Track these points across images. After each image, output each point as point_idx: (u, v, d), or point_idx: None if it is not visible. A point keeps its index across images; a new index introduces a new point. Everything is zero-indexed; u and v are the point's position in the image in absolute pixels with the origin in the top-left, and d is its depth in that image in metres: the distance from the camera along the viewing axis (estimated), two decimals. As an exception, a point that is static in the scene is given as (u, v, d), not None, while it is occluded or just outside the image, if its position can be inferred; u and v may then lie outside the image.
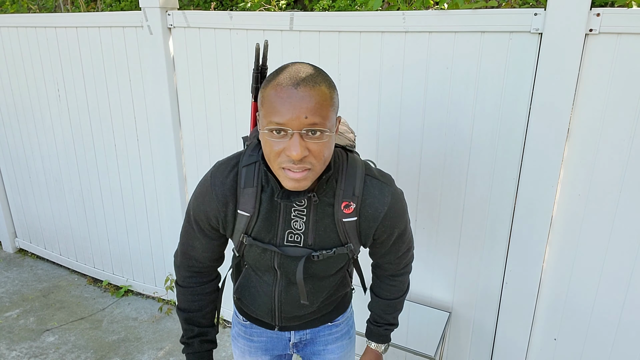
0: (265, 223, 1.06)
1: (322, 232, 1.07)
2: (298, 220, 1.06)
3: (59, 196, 3.17)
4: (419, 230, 1.98)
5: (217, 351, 2.51)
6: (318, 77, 0.90)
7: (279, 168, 0.92)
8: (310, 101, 0.86)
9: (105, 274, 3.16)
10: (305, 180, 0.92)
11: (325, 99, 0.89)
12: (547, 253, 1.77)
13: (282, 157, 0.90)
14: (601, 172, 1.60)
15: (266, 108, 0.89)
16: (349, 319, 1.38)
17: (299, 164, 0.89)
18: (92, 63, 2.60)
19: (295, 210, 1.05)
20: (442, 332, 1.87)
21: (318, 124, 0.87)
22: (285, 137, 0.88)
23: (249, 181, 1.04)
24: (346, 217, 1.04)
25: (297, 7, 3.21)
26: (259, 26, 2.03)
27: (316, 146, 0.89)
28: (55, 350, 2.53)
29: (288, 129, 0.87)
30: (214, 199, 1.05)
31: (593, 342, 1.79)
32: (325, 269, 1.12)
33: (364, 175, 1.05)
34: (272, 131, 0.88)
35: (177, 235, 2.65)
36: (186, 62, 2.31)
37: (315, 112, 0.87)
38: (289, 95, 0.86)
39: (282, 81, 0.88)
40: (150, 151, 2.60)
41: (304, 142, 0.88)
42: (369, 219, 1.05)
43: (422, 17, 1.69)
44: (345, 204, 1.03)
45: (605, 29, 1.45)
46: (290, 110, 0.86)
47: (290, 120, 0.86)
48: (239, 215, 1.05)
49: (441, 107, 1.77)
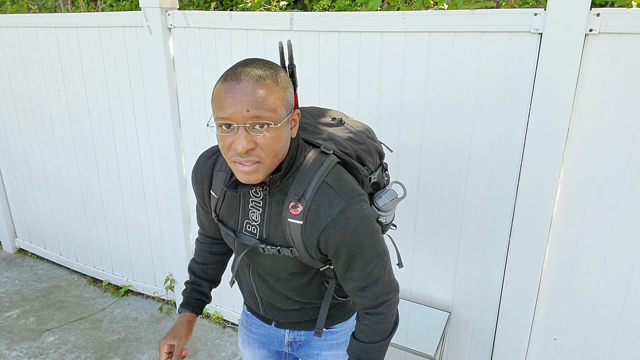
0: (227, 208, 1.13)
1: (274, 227, 1.06)
2: (255, 212, 1.08)
3: (59, 196, 3.17)
4: (419, 231, 1.98)
5: (217, 351, 2.51)
6: (264, 71, 0.91)
7: (231, 162, 0.94)
8: (252, 95, 0.87)
9: (105, 274, 3.16)
10: (256, 174, 0.93)
11: (269, 92, 0.89)
12: (547, 253, 1.77)
13: (232, 151, 0.92)
14: (601, 172, 1.60)
15: (214, 104, 0.92)
16: (348, 330, 1.33)
17: (246, 157, 0.91)
18: (92, 63, 2.60)
19: (253, 201, 1.08)
20: (442, 332, 1.87)
21: (262, 117, 0.88)
22: (231, 132, 0.91)
23: (223, 166, 1.11)
24: (292, 217, 1.02)
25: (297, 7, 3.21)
26: (259, 26, 2.03)
27: (263, 139, 0.90)
28: (55, 350, 2.53)
29: (233, 123, 0.89)
30: (194, 178, 1.17)
31: (593, 342, 1.79)
32: (276, 268, 1.11)
33: (321, 180, 1.00)
34: (221, 126, 0.91)
35: (177, 234, 2.65)
36: (186, 62, 2.31)
37: (258, 105, 0.88)
38: (232, 90, 0.88)
39: (227, 77, 0.90)
40: (150, 151, 2.60)
41: (250, 136, 0.90)
42: (311, 226, 1.00)
43: (422, 17, 1.69)
44: (292, 204, 1.01)
45: (605, 29, 1.45)
46: (233, 104, 0.88)
47: (233, 114, 0.88)
48: (212, 196, 1.15)
49: (441, 107, 1.77)
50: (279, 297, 1.22)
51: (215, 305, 2.77)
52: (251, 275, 1.23)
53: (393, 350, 2.22)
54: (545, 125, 1.59)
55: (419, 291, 2.08)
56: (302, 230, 1.01)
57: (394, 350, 2.22)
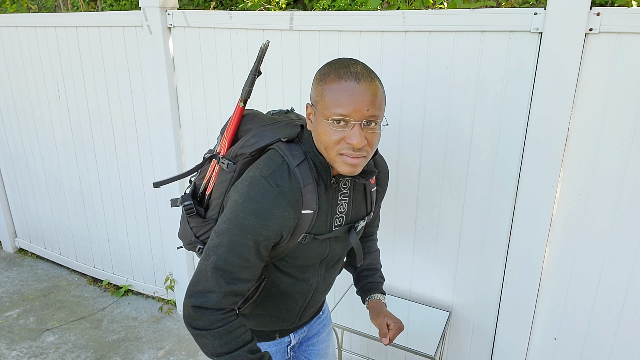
0: (322, 215, 1.10)
1: (357, 207, 1.18)
2: (343, 203, 1.13)
3: (59, 196, 3.17)
4: (419, 230, 1.98)
5: (217, 351, 2.51)
6: (372, 73, 0.99)
7: (337, 155, 0.99)
8: (370, 95, 0.95)
9: (105, 273, 3.16)
10: (360, 166, 1.00)
11: (380, 94, 0.98)
12: (547, 253, 1.77)
13: (342, 145, 0.97)
14: (601, 172, 1.59)
15: (329, 100, 0.96)
16: (325, 303, 1.47)
17: (358, 152, 0.98)
18: (92, 63, 2.60)
19: (342, 194, 1.13)
20: (442, 331, 1.87)
21: (376, 116, 0.96)
22: (345, 127, 0.96)
23: (307, 179, 1.04)
24: (372, 187, 1.21)
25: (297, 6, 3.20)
26: (259, 26, 2.02)
27: (372, 136, 0.98)
28: (55, 350, 2.53)
29: (350, 120, 0.95)
30: (287, 207, 0.99)
31: (593, 342, 1.79)
32: (345, 247, 1.22)
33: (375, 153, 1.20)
34: (335, 121, 0.96)
35: (177, 234, 2.64)
36: (186, 62, 2.31)
37: (373, 105, 0.95)
38: (352, 89, 0.94)
39: (343, 76, 0.95)
40: (150, 151, 2.60)
41: (363, 132, 0.96)
42: (383, 185, 1.26)
43: (422, 16, 1.68)
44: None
45: (605, 28, 1.45)
46: (354, 102, 0.94)
47: (353, 111, 0.94)
48: (303, 215, 1.04)
49: (441, 106, 1.77)
50: (328, 287, 1.30)
51: (215, 305, 2.77)
52: (316, 279, 1.21)
53: (393, 350, 2.22)
54: (545, 125, 1.59)
55: (419, 291, 2.08)
56: (376, 193, 1.26)
57: (394, 350, 2.22)
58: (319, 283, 1.23)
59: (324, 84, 0.98)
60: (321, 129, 0.98)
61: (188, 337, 2.63)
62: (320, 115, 0.98)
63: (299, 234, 1.05)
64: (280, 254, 1.09)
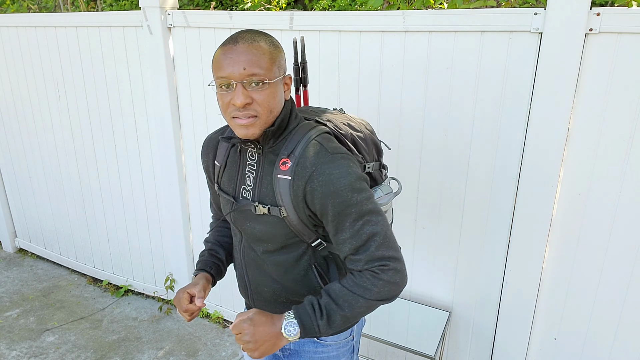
0: (228, 176, 1.18)
1: (265, 189, 1.09)
2: (250, 176, 1.13)
3: (59, 196, 3.17)
4: (419, 230, 1.98)
5: (217, 351, 2.51)
6: (257, 36, 1.01)
7: (230, 118, 1.02)
8: (247, 55, 0.98)
9: (105, 273, 3.16)
10: (253, 127, 1.01)
11: (263, 53, 0.99)
12: (547, 253, 1.77)
13: (231, 108, 1.01)
14: (601, 172, 1.59)
15: (214, 67, 1.02)
16: (341, 345, 1.24)
17: (244, 111, 0.99)
18: (92, 63, 2.60)
19: (249, 164, 1.13)
20: (442, 331, 1.87)
21: (257, 74, 0.98)
22: (231, 90, 0.99)
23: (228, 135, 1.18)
24: (281, 173, 1.05)
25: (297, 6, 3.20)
26: (259, 26, 2.03)
27: (259, 95, 0.99)
28: (55, 350, 2.53)
29: (231, 81, 0.98)
30: (203, 152, 1.25)
31: (593, 342, 1.79)
32: (266, 233, 1.10)
33: (311, 139, 1.06)
34: (221, 86, 1.00)
35: (177, 235, 2.65)
36: (186, 62, 2.31)
37: (253, 63, 0.97)
38: (230, 52, 0.98)
39: (225, 42, 1.01)
40: (150, 151, 2.60)
41: (247, 92, 0.99)
42: (298, 178, 1.02)
43: (422, 16, 1.68)
44: (282, 160, 1.06)
45: (605, 28, 1.45)
46: (231, 64, 0.97)
47: (231, 73, 0.97)
48: (215, 166, 1.22)
49: (441, 106, 1.77)
50: (266, 279, 1.18)
51: (215, 305, 2.77)
52: (242, 250, 1.22)
53: (393, 350, 2.22)
54: (545, 125, 1.59)
55: (419, 291, 2.08)
56: (290, 185, 1.04)
57: (394, 350, 2.22)
58: (246, 262, 1.21)
59: (214, 54, 1.04)
60: (217, 97, 1.03)
61: (188, 337, 2.63)
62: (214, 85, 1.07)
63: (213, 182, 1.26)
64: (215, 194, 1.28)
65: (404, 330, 1.90)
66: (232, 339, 2.62)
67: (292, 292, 1.18)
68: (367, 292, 1.00)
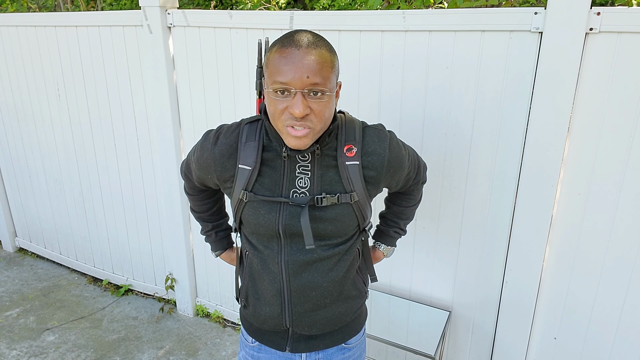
0: (268, 181, 1.08)
1: (328, 182, 1.08)
2: (303, 177, 1.08)
3: (59, 196, 3.17)
4: (419, 230, 1.98)
5: (218, 350, 2.51)
6: (319, 41, 0.96)
7: (283, 126, 0.98)
8: (311, 62, 0.92)
9: (105, 273, 3.16)
10: (307, 138, 0.98)
11: (325, 61, 0.95)
12: (547, 253, 1.77)
13: (286, 115, 0.96)
14: (601, 172, 1.59)
15: (270, 69, 0.95)
16: (362, 342, 1.30)
17: (301, 121, 0.95)
18: (92, 62, 2.60)
19: (300, 166, 1.08)
20: (442, 331, 1.87)
21: (319, 84, 0.93)
22: (288, 97, 0.94)
23: (251, 136, 1.08)
24: (349, 160, 1.07)
25: (297, 6, 3.20)
26: (259, 25, 2.02)
27: (317, 106, 0.95)
28: (56, 350, 2.53)
29: (291, 88, 0.93)
30: (213, 157, 1.10)
31: (593, 342, 1.79)
32: (333, 226, 1.08)
33: (362, 126, 1.12)
34: (277, 91, 0.94)
35: (177, 234, 2.65)
36: (186, 62, 2.31)
37: (316, 72, 0.93)
38: (292, 57, 0.92)
39: (285, 44, 0.94)
40: (150, 151, 2.60)
41: (305, 101, 0.94)
42: (375, 166, 1.09)
43: (422, 16, 1.68)
44: (347, 147, 1.07)
45: (606, 27, 1.45)
46: (293, 70, 0.92)
47: (293, 79, 0.92)
48: (239, 169, 1.08)
49: (441, 106, 1.77)
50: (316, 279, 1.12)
51: (215, 305, 2.77)
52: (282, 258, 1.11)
53: (393, 350, 2.22)
54: (545, 125, 1.59)
55: (419, 290, 2.08)
56: (359, 169, 1.08)
57: (394, 350, 2.22)
58: (288, 265, 1.10)
59: (269, 55, 0.97)
60: (268, 100, 0.98)
61: (188, 337, 2.63)
62: (266, 85, 0.98)
63: (238, 191, 1.09)
64: (236, 211, 1.12)
65: (404, 330, 1.90)
66: (232, 338, 2.62)
67: (340, 284, 1.16)
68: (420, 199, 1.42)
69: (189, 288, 2.75)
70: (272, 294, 1.15)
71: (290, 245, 1.10)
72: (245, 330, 1.26)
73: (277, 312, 1.16)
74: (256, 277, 1.17)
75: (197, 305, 2.81)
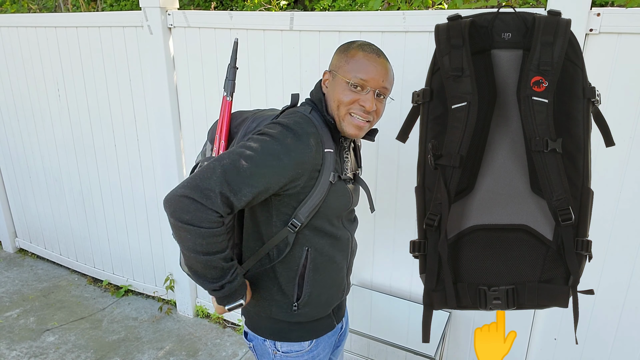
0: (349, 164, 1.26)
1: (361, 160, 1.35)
2: (347, 161, 1.25)
3: (59, 196, 3.17)
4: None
5: (218, 351, 2.51)
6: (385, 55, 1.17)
7: (346, 113, 1.13)
8: (386, 71, 1.14)
9: (105, 273, 3.16)
10: (363, 130, 1.16)
11: (392, 74, 1.18)
12: (547, 253, 1.76)
13: (354, 106, 1.12)
14: (601, 172, 1.59)
15: (352, 65, 1.11)
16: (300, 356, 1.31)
17: (367, 115, 1.13)
18: (92, 63, 2.60)
19: (345, 152, 1.24)
20: (442, 332, 1.87)
21: (387, 89, 1.16)
22: (360, 92, 1.12)
23: (320, 124, 1.15)
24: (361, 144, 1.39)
25: (298, 7, 3.20)
26: (259, 26, 2.03)
27: (380, 106, 1.16)
28: (56, 350, 2.53)
29: (367, 86, 1.11)
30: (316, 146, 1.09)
31: (593, 342, 1.79)
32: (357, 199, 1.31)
33: None
34: (353, 85, 1.11)
35: (177, 235, 2.64)
36: (186, 62, 2.31)
37: (388, 80, 1.15)
38: (375, 61, 1.12)
39: (367, 50, 1.13)
40: (151, 151, 2.60)
41: (374, 100, 1.13)
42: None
43: (422, 16, 1.69)
44: None
45: (606, 28, 1.45)
46: (375, 72, 1.11)
47: (372, 79, 1.11)
48: (326, 154, 1.12)
49: (441, 107, 1.77)
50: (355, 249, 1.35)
51: (215, 305, 2.77)
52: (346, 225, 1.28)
53: (393, 350, 2.22)
54: (545, 125, 1.58)
55: (419, 291, 2.08)
56: None
57: (394, 350, 2.22)
58: (351, 237, 1.28)
59: (347, 52, 1.14)
60: (339, 89, 1.12)
61: (188, 337, 2.63)
62: (340, 79, 1.12)
63: (327, 173, 1.12)
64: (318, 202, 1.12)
65: (404, 330, 1.90)
66: (232, 339, 2.62)
67: None
68: None
69: (189, 289, 2.75)
70: (340, 268, 1.27)
71: (348, 218, 1.28)
72: (297, 338, 1.24)
73: (344, 285, 1.31)
74: (320, 267, 1.21)
75: (197, 305, 2.81)
